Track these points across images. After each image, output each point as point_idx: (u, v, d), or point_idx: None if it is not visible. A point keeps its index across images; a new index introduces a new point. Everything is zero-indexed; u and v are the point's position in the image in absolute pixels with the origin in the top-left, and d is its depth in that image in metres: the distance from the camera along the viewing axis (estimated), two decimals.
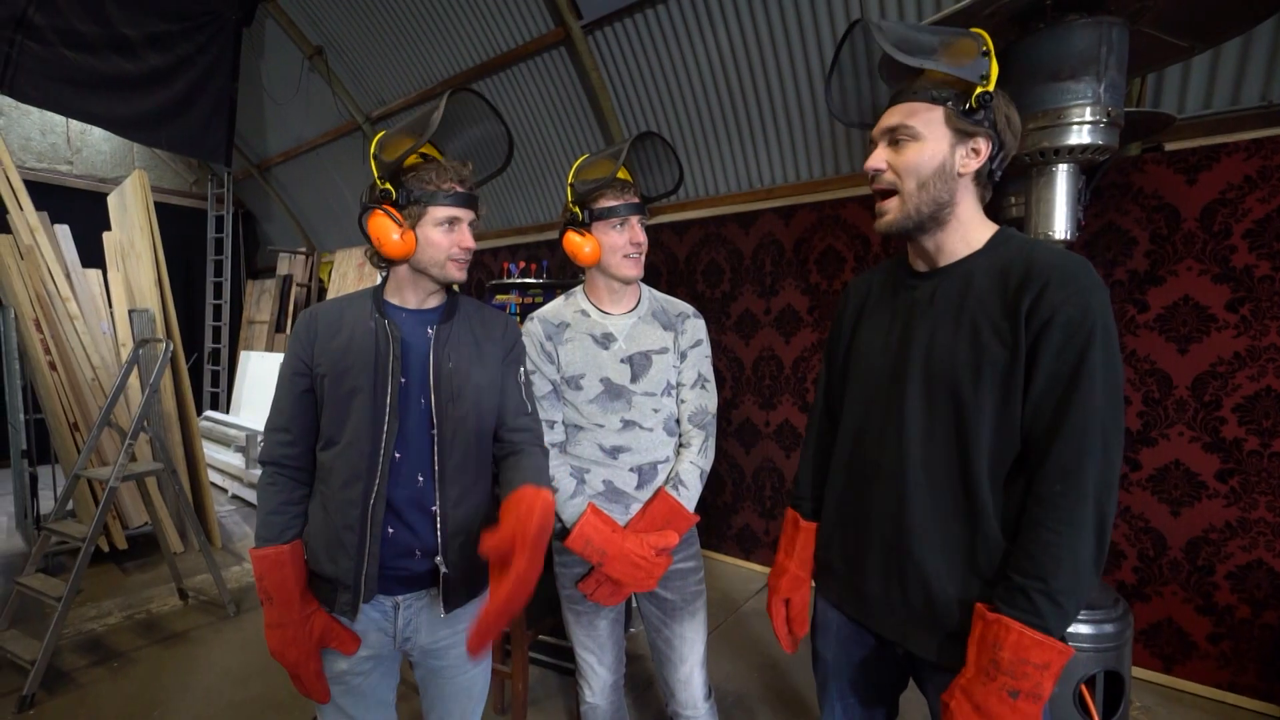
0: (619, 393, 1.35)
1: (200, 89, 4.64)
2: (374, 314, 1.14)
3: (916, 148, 0.91)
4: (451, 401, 1.14)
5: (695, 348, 1.42)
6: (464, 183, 1.12)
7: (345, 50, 4.63)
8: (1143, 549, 2.34)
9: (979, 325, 0.89)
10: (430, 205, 1.10)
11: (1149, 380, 2.30)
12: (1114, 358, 0.83)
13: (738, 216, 3.42)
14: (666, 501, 1.35)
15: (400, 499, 1.11)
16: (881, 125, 0.95)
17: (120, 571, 3.35)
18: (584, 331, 1.38)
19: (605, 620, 1.45)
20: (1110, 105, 1.32)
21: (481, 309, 1.27)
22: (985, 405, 0.88)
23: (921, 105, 0.91)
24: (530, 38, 3.60)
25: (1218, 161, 2.15)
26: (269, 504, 1.14)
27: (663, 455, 1.39)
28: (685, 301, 1.48)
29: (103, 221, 4.06)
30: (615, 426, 1.35)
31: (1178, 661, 2.29)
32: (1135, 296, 2.32)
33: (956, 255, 0.95)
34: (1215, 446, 2.19)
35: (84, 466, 2.70)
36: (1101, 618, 1.39)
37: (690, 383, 1.41)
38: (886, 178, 0.94)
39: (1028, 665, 0.80)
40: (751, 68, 3.04)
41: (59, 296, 3.38)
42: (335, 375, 1.11)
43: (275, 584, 1.10)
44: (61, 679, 2.35)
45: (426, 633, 1.19)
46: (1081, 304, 0.82)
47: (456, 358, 1.16)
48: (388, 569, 1.12)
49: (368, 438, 1.08)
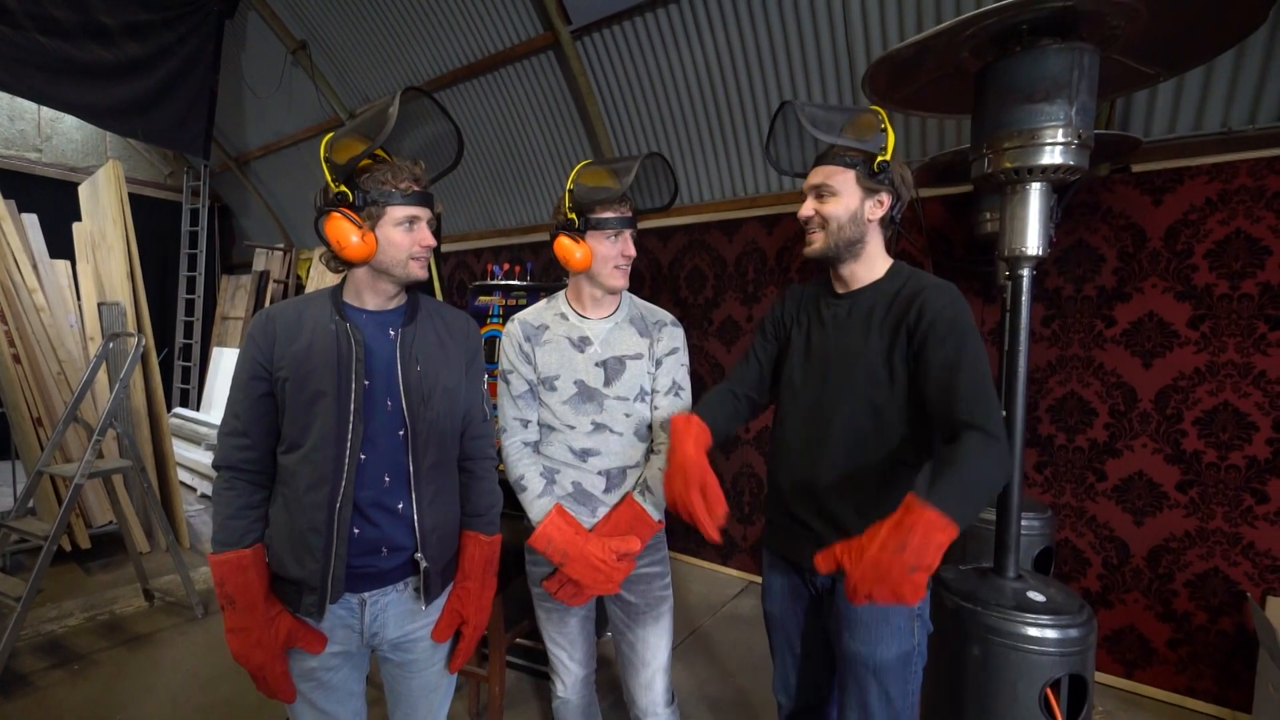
0: (591, 395, 1.38)
1: (180, 80, 4.56)
2: (334, 317, 1.14)
3: (835, 201, 1.21)
4: (423, 404, 1.16)
5: (670, 355, 1.44)
6: (419, 181, 1.13)
7: (329, 45, 4.59)
8: (1107, 557, 2.41)
9: (875, 334, 1.21)
10: (388, 205, 1.09)
11: (1115, 393, 2.38)
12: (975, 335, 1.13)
13: (721, 224, 3.45)
14: (631, 508, 1.38)
15: (365, 500, 1.12)
16: (809, 182, 1.25)
17: (83, 571, 3.25)
18: (561, 334, 1.41)
19: (575, 618, 1.48)
20: (1081, 127, 1.38)
21: (442, 309, 1.28)
22: (884, 389, 1.20)
23: (837, 169, 1.20)
24: (518, 40, 3.61)
25: (1181, 184, 2.24)
26: (227, 508, 1.12)
27: (632, 460, 1.41)
28: (667, 309, 1.49)
29: (72, 212, 3.96)
30: (586, 429, 1.38)
31: (1138, 666, 2.36)
32: (1103, 312, 2.40)
33: (864, 281, 1.27)
34: (1176, 458, 2.27)
35: (48, 462, 2.63)
36: (1067, 622, 1.43)
37: (664, 389, 1.43)
38: (815, 222, 1.24)
39: (930, 545, 0.94)
40: (737, 77, 3.09)
41: (25, 287, 3.28)
42: (298, 379, 1.10)
43: (238, 588, 1.09)
44: (19, 681, 2.27)
45: (394, 627, 1.20)
46: (952, 306, 1.15)
47: (424, 360, 1.18)
48: (354, 567, 1.13)
49: (333, 441, 1.08)
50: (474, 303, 3.47)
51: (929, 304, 1.15)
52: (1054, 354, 2.50)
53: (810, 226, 1.25)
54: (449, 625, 1.24)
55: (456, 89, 4.09)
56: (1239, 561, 2.17)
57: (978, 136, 1.52)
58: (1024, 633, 1.43)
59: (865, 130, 1.20)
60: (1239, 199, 2.14)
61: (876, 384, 1.20)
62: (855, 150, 1.20)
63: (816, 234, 1.24)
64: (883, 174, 1.20)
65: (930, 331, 1.13)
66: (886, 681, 1.20)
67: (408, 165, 1.13)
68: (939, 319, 1.14)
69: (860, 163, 1.19)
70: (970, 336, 1.12)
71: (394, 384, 1.15)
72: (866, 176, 1.20)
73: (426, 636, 1.24)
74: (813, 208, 1.23)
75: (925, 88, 1.73)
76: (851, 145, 1.19)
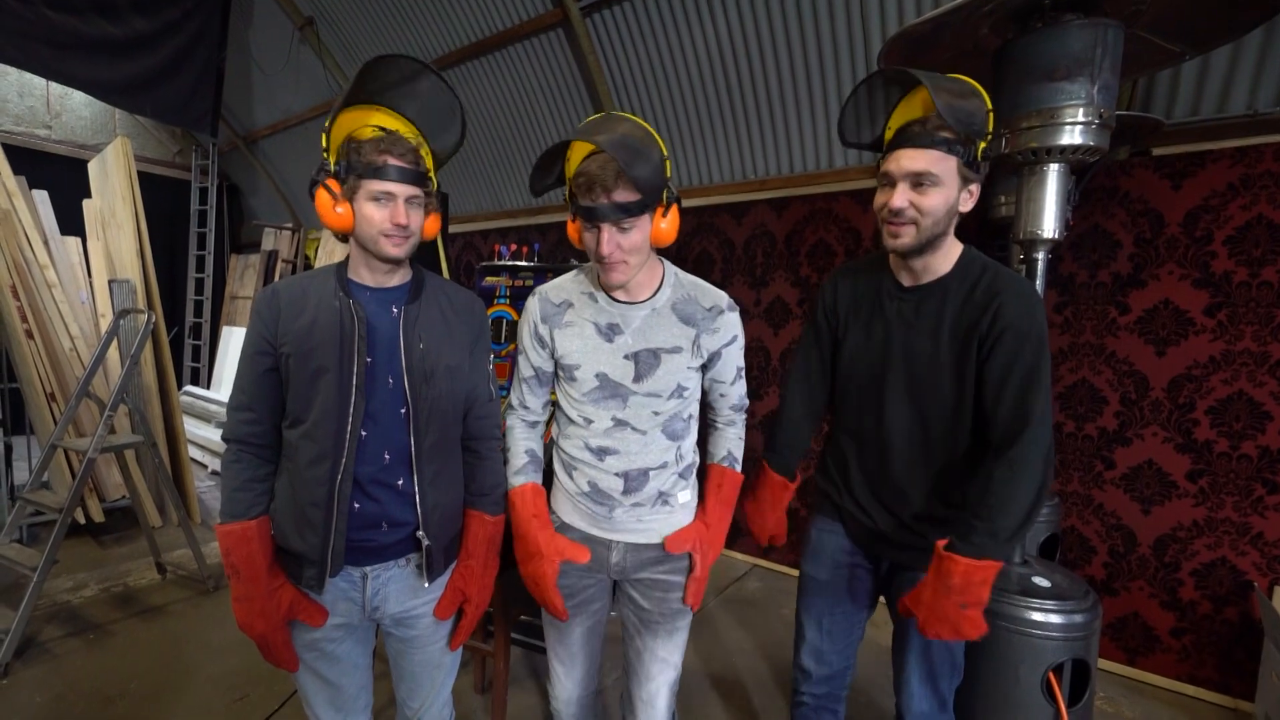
0: (615, 390, 1.21)
1: (186, 56, 4.53)
2: (338, 293, 1.13)
3: (938, 193, 1.07)
4: (425, 382, 1.15)
5: (730, 345, 1.26)
6: (403, 157, 1.09)
7: (337, 22, 4.54)
8: (1113, 545, 2.40)
9: (947, 340, 1.15)
10: (365, 178, 1.08)
11: (1126, 381, 2.35)
12: (1049, 358, 1.10)
13: (730, 207, 3.42)
14: (735, 481, 1.31)
15: (365, 476, 1.13)
16: (906, 168, 1.07)
17: (96, 544, 3.31)
18: (587, 318, 1.23)
19: (580, 628, 1.33)
20: (1103, 106, 1.34)
21: (448, 287, 1.26)
22: (953, 399, 1.16)
23: (941, 154, 1.05)
24: (527, 17, 3.55)
25: (1202, 168, 2.19)
26: (234, 481, 1.14)
27: (656, 460, 1.23)
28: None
29: (82, 188, 3.96)
30: (604, 425, 1.22)
31: (1141, 654, 2.36)
32: (1117, 299, 2.36)
33: (936, 274, 1.17)
34: (1187, 447, 2.25)
35: (62, 437, 2.66)
36: (1072, 608, 1.44)
37: (729, 379, 1.29)
38: (908, 214, 1.08)
39: (973, 584, 1.07)
40: (749, 58, 3.03)
41: (37, 264, 3.30)
42: (301, 355, 1.10)
43: (242, 559, 1.12)
44: (37, 649, 2.32)
45: (395, 602, 1.21)
46: (1026, 314, 1.08)
47: (428, 338, 1.16)
48: (354, 541, 1.14)
49: (334, 417, 1.09)
50: (481, 283, 3.46)
51: (1004, 311, 1.09)
52: (1065, 341, 2.47)
53: (900, 219, 1.10)
54: (451, 603, 1.25)
55: (464, 67, 4.05)
56: (1247, 551, 2.15)
57: (995, 116, 1.49)
58: (1028, 617, 1.44)
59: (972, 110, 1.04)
60: (1262, 184, 2.09)
61: (945, 394, 1.17)
62: (958, 133, 1.04)
63: (907, 228, 1.10)
64: (984, 161, 1.09)
65: (999, 343, 1.09)
66: None
67: (396, 139, 1.09)
68: (1009, 330, 1.09)
69: (963, 150, 1.06)
70: (1035, 353, 1.08)
71: (396, 361, 1.14)
72: (966, 164, 1.07)
73: (429, 613, 1.24)
74: (908, 198, 1.08)
75: (942, 66, 1.70)
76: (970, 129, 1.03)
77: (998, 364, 1.09)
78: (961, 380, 1.14)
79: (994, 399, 1.11)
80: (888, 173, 1.11)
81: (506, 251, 4.10)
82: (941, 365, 1.15)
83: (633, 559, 1.28)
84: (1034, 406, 1.07)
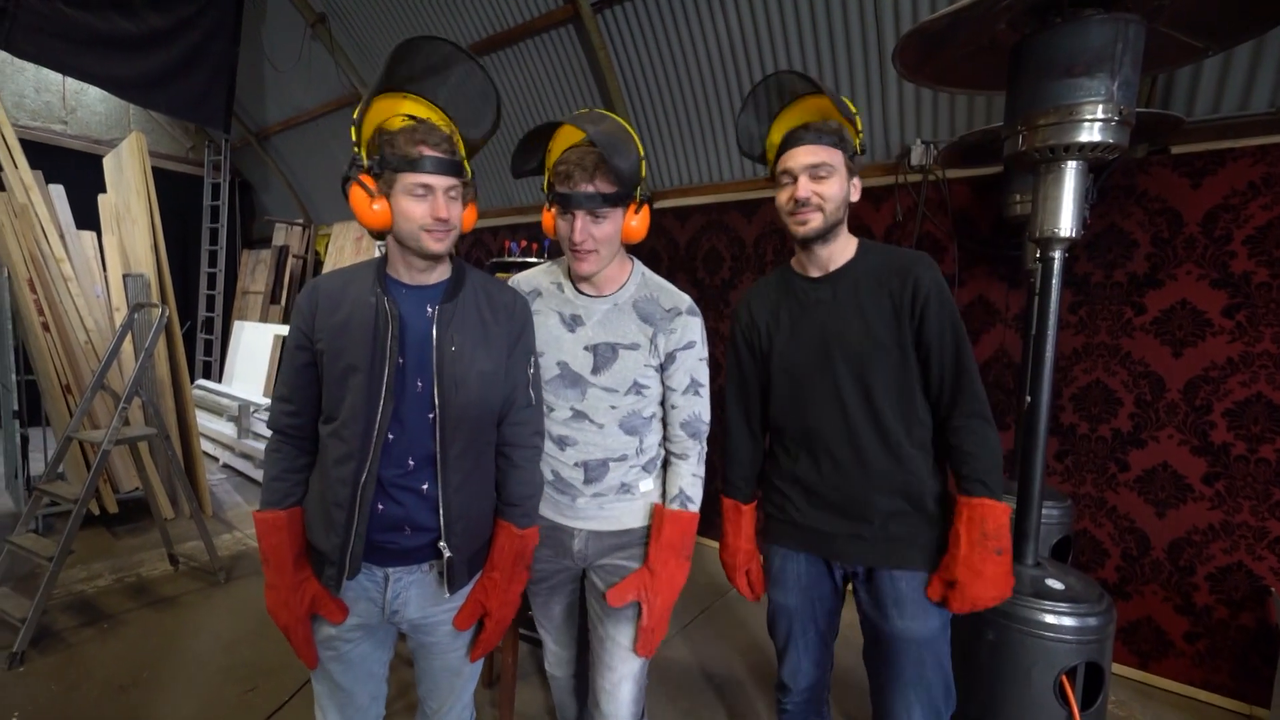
0: (575, 380, 1.24)
1: (200, 52, 4.56)
2: (375, 290, 1.10)
3: (835, 181, 1.20)
4: (455, 388, 1.10)
5: (686, 350, 1.25)
6: (438, 146, 1.05)
7: (349, 18, 4.55)
8: (1126, 548, 2.38)
9: (875, 313, 1.22)
10: (400, 172, 1.04)
11: (1142, 383, 2.32)
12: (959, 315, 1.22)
13: (740, 204, 3.40)
14: (678, 524, 1.26)
15: (389, 479, 1.10)
16: (805, 161, 1.20)
17: (110, 535, 3.35)
18: (553, 307, 1.27)
19: (560, 605, 1.40)
20: (1123, 103, 1.32)
21: (490, 286, 1.21)
22: (890, 372, 1.22)
23: (830, 149, 1.19)
24: (538, 13, 3.55)
25: (1223, 166, 2.16)
26: (272, 470, 1.15)
27: (616, 452, 1.25)
28: (684, 290, 1.31)
29: (97, 183, 4.00)
30: (564, 415, 1.25)
31: (1154, 659, 2.33)
32: (1133, 299, 2.33)
33: (840, 261, 1.28)
34: (1203, 450, 2.22)
35: (77, 429, 2.69)
36: (1085, 611, 1.42)
37: (681, 387, 1.26)
38: (814, 201, 1.20)
39: (1002, 526, 1.16)
40: (760, 53, 3.01)
41: (53, 258, 3.34)
42: (333, 352, 1.08)
43: (271, 548, 1.12)
44: (52, 638, 2.36)
45: (415, 608, 1.18)
46: (939, 280, 1.20)
47: (461, 341, 1.11)
48: (377, 542, 1.12)
49: (362, 417, 1.06)
50: None
51: (922, 281, 1.19)
52: (1080, 341, 2.44)
53: (807, 207, 1.21)
54: (470, 615, 1.20)
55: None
56: (1264, 556, 2.12)
57: (1012, 113, 1.47)
58: (1041, 619, 1.42)
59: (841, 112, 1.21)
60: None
61: (889, 364, 1.21)
62: (837, 131, 1.19)
63: (814, 214, 1.21)
64: (858, 156, 1.24)
65: (926, 309, 1.19)
66: (938, 651, 1.25)
67: (429, 128, 1.06)
68: (932, 295, 1.19)
69: (844, 145, 1.20)
70: (956, 314, 1.20)
71: (426, 364, 1.10)
72: (850, 158, 1.22)
73: (448, 622, 1.20)
74: (810, 188, 1.20)
75: (957, 62, 1.68)
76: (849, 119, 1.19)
77: (932, 329, 1.18)
78: (903, 350, 1.21)
79: (938, 362, 1.19)
80: (788, 170, 1.22)
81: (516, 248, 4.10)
82: (878, 337, 1.21)
83: (594, 546, 1.29)
84: (970, 362, 1.19)
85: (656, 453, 1.31)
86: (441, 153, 1.05)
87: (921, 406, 1.24)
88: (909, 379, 1.22)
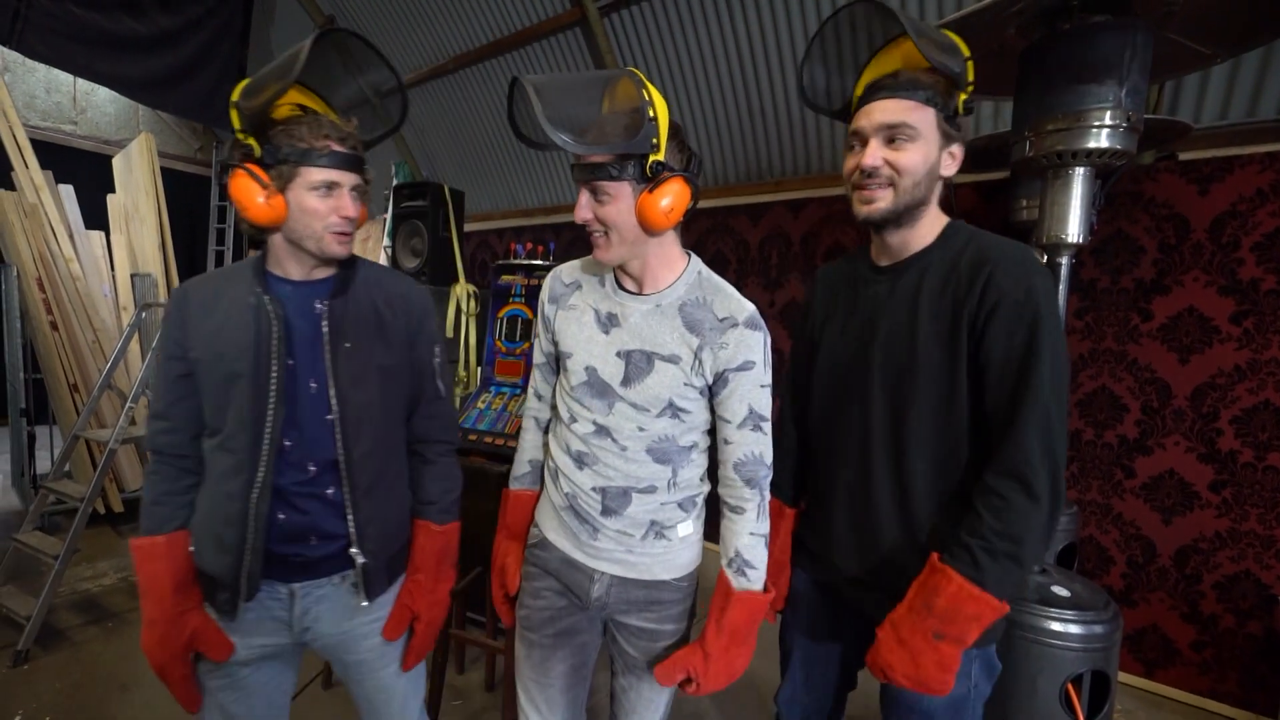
0: (602, 390, 1.04)
1: (209, 53, 4.60)
2: (254, 289, 1.01)
3: (916, 149, 0.92)
4: (353, 386, 1.04)
5: (742, 371, 1.00)
6: (345, 141, 0.98)
7: (356, 19, 4.58)
8: (1132, 555, 2.36)
9: (928, 319, 0.94)
10: (302, 165, 0.94)
11: (1148, 389, 2.31)
12: (1060, 339, 0.88)
13: (747, 208, 3.40)
14: (748, 607, 1.01)
15: (289, 487, 1.02)
16: (879, 120, 0.92)
17: (115, 534, 3.36)
18: (590, 303, 1.08)
19: (563, 664, 1.11)
20: (1131, 110, 1.32)
21: (384, 277, 1.13)
22: (931, 401, 0.94)
23: (917, 105, 0.91)
24: (546, 17, 3.56)
25: (1231, 173, 2.15)
26: (151, 493, 1.05)
27: (640, 482, 1.04)
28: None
29: (106, 183, 4.03)
30: (586, 429, 1.05)
31: (1160, 667, 2.32)
32: (1140, 305, 2.32)
33: (915, 249, 1.00)
34: (1210, 457, 2.20)
35: (84, 427, 2.71)
36: (1092, 618, 1.41)
37: (737, 419, 1.02)
38: (884, 174, 0.93)
39: (960, 615, 0.86)
40: (766, 57, 3.02)
41: (62, 257, 3.36)
42: (210, 360, 1.00)
43: (148, 578, 1.02)
44: (56, 636, 2.36)
45: (330, 624, 1.09)
46: (1025, 286, 0.87)
47: (355, 337, 1.04)
48: (279, 555, 1.04)
49: (250, 426, 0.99)
50: (497, 282, 3.47)
51: (996, 281, 0.88)
52: (1086, 347, 2.43)
53: (875, 180, 0.94)
54: (400, 622, 1.12)
55: (482, 66, 4.07)
56: (1272, 564, 2.11)
57: (1020, 119, 1.47)
58: (1046, 627, 1.42)
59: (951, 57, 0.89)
60: None
61: (926, 384, 0.94)
62: (934, 83, 0.90)
63: (883, 190, 0.94)
64: (965, 115, 0.93)
65: (991, 321, 0.88)
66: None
67: (335, 121, 0.99)
68: (1004, 304, 0.87)
69: (941, 101, 0.91)
70: (1047, 334, 0.86)
71: (319, 364, 1.02)
72: (946, 120, 0.92)
73: (372, 634, 1.12)
74: (882, 155, 0.92)
75: None
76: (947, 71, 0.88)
77: (993, 349, 0.88)
78: (953, 374, 0.92)
79: (992, 395, 0.89)
80: (858, 130, 0.95)
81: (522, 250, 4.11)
82: (925, 352, 0.93)
83: (618, 596, 1.08)
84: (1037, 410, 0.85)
85: (698, 490, 1.10)
86: (348, 147, 0.98)
87: (966, 457, 0.94)
88: (954, 415, 0.93)
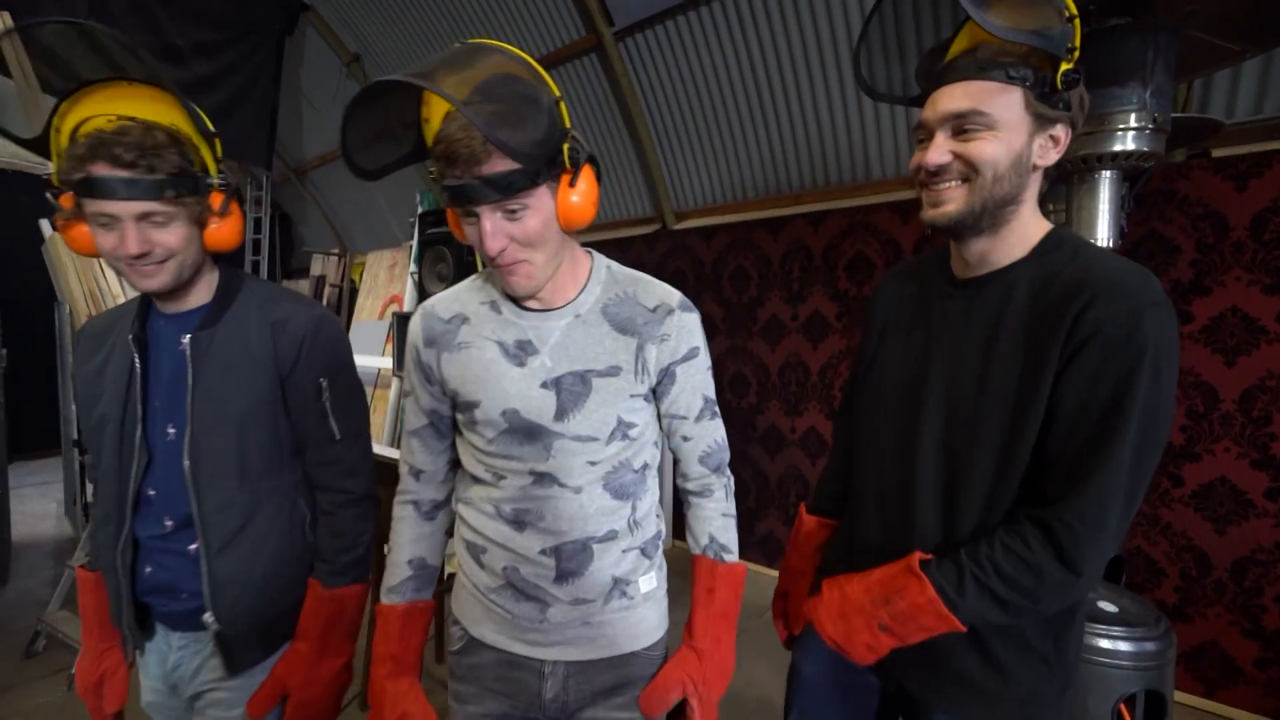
0: (532, 433, 0.86)
1: (244, 96, 4.81)
2: (132, 326, 0.95)
3: (994, 138, 0.74)
4: (207, 433, 0.93)
5: (689, 360, 0.91)
6: (117, 160, 0.80)
7: (381, 56, 4.76)
8: (1184, 568, 2.26)
9: (1010, 352, 0.78)
10: (81, 195, 0.83)
11: (1193, 393, 2.23)
12: (1163, 389, 0.71)
13: (766, 222, 3.41)
14: (732, 581, 0.94)
15: (148, 541, 0.96)
16: (943, 109, 0.76)
17: None
18: (488, 335, 0.89)
19: None
20: (1157, 111, 1.30)
21: (271, 299, 1.00)
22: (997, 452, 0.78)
23: (994, 85, 0.73)
24: (562, 44, 3.65)
25: (1270, 168, 2.08)
26: (91, 525, 1.05)
27: (599, 528, 0.88)
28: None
29: None
30: (519, 484, 0.88)
31: (1221, 686, 2.20)
32: (1179, 306, 2.25)
33: (1003, 262, 0.82)
34: (1265, 464, 2.11)
35: None
36: (1142, 635, 1.35)
37: (693, 414, 0.94)
38: (954, 170, 0.77)
39: (915, 623, 0.80)
40: (782, 73, 3.04)
41: (110, 294, 3.52)
42: (88, 401, 0.97)
43: (82, 606, 1.02)
44: None
45: (190, 682, 1.01)
46: (1131, 325, 0.69)
47: (213, 375, 0.94)
48: (152, 605, 0.99)
49: (114, 474, 0.94)
50: None
51: (1092, 311, 0.71)
52: None
53: (943, 179, 0.78)
54: (268, 697, 0.98)
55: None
56: None
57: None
58: (1094, 644, 1.36)
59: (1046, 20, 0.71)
60: None
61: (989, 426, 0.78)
62: (1022, 53, 0.73)
63: (955, 190, 0.78)
64: (1067, 90, 0.74)
65: (1078, 357, 0.72)
66: None
67: (112, 140, 0.81)
68: (1096, 341, 0.70)
69: (1031, 76, 0.73)
70: (1144, 387, 0.69)
71: (179, 406, 0.93)
72: (1040, 99, 0.74)
73: (231, 704, 0.98)
74: (950, 149, 0.77)
75: None
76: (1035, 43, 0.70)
77: (1068, 389, 0.72)
78: (1022, 411, 0.76)
79: (1057, 437, 0.74)
80: (922, 122, 0.80)
81: None
82: (997, 391, 0.77)
83: (578, 688, 0.90)
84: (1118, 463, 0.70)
85: (656, 529, 0.96)
86: (121, 167, 0.80)
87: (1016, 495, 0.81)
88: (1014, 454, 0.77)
